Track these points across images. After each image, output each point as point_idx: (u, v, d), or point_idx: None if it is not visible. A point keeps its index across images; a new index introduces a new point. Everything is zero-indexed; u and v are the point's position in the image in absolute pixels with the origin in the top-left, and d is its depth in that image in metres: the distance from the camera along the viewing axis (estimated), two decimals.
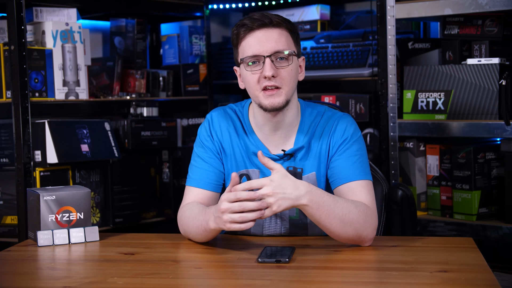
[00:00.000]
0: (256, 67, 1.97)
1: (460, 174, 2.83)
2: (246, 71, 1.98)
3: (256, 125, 2.07)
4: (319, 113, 2.08)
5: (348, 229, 1.88)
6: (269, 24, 1.97)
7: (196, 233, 1.97)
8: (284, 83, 1.97)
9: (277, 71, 1.95)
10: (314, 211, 1.84)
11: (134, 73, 3.29)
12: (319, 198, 1.85)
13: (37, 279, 1.76)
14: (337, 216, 1.86)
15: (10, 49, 2.71)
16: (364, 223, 1.89)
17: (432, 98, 2.88)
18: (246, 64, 1.98)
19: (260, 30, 1.97)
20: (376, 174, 2.28)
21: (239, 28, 2.00)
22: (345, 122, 2.05)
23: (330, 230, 1.88)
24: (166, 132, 3.19)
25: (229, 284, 1.68)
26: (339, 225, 1.87)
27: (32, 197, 2.08)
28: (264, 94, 1.97)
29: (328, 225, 1.87)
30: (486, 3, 2.68)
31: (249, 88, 2.00)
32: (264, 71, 1.95)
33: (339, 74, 3.26)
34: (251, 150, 2.05)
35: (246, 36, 1.98)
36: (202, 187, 2.05)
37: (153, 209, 3.22)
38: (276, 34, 1.97)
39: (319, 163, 2.04)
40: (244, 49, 1.99)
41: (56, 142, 2.77)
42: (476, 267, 1.70)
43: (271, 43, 1.96)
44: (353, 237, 1.89)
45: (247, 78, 1.99)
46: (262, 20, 1.97)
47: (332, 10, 3.67)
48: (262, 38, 1.96)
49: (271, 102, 1.96)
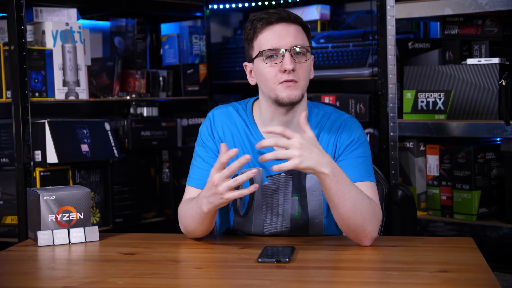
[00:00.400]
0: (274, 60, 1.96)
1: (460, 174, 2.83)
2: (264, 64, 1.97)
3: (262, 123, 2.06)
4: (326, 114, 2.08)
5: (357, 216, 1.87)
6: (287, 19, 1.97)
7: (194, 222, 1.96)
8: (301, 78, 1.97)
9: (296, 65, 1.96)
10: (332, 184, 1.83)
11: (134, 73, 3.29)
12: (340, 173, 1.84)
13: (37, 279, 1.76)
14: (351, 198, 1.86)
15: (10, 49, 2.71)
16: (372, 216, 1.89)
17: (432, 98, 2.88)
18: (265, 57, 1.96)
19: (279, 24, 1.97)
20: (377, 174, 2.28)
21: (255, 22, 1.99)
22: (352, 124, 2.06)
23: (341, 210, 1.87)
24: (166, 132, 3.19)
25: (229, 284, 1.68)
26: (350, 208, 1.86)
27: (32, 197, 2.08)
28: (281, 86, 1.96)
29: (341, 204, 1.86)
30: (486, 3, 2.68)
31: (265, 81, 1.98)
32: (285, 64, 1.94)
33: (339, 74, 3.26)
34: (256, 149, 2.04)
35: (264, 30, 1.98)
36: (201, 187, 2.05)
37: (153, 209, 3.23)
38: (294, 29, 1.98)
39: None
40: (261, 43, 1.98)
41: (56, 142, 2.77)
42: (476, 267, 1.70)
43: (290, 37, 1.96)
44: (358, 227, 1.89)
45: (264, 71, 1.97)
46: (280, 14, 1.97)
47: (332, 10, 3.67)
48: (282, 32, 1.96)
49: (288, 94, 1.96)
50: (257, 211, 2.07)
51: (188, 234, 2.04)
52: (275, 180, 2.05)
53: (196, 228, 1.98)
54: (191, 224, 1.98)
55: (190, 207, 1.96)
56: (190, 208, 1.96)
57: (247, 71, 2.06)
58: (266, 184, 2.06)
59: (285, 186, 2.05)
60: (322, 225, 2.07)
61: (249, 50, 2.03)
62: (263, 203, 2.06)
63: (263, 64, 1.97)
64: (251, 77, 2.05)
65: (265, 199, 2.06)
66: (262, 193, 2.06)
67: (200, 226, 1.97)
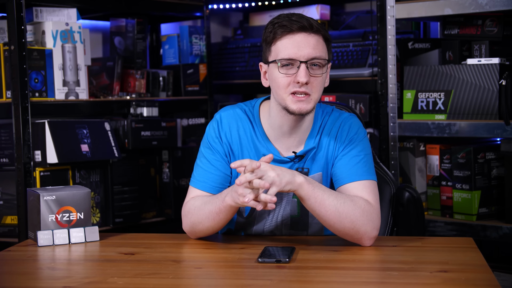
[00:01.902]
0: (289, 70, 1.94)
1: (460, 174, 2.83)
2: (279, 73, 1.94)
3: (269, 126, 2.05)
4: (327, 114, 2.08)
5: (343, 220, 1.88)
6: (309, 29, 1.94)
7: (208, 218, 1.96)
8: (314, 91, 1.95)
9: (310, 78, 1.93)
10: (309, 191, 1.86)
11: (134, 73, 3.29)
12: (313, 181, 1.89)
13: (37, 279, 1.76)
14: (332, 203, 1.87)
15: (10, 49, 2.71)
16: (360, 217, 1.89)
17: (432, 98, 2.88)
18: (280, 65, 1.94)
19: (299, 34, 1.93)
20: (386, 175, 2.27)
21: (276, 28, 1.95)
22: (350, 123, 2.05)
23: (326, 218, 1.88)
24: (166, 132, 3.19)
25: (229, 284, 1.68)
26: (334, 213, 1.87)
27: (32, 197, 2.08)
28: (292, 99, 1.94)
29: (323, 210, 1.87)
30: (486, 3, 2.68)
31: (277, 89, 1.96)
32: (299, 77, 1.91)
33: (339, 74, 3.26)
34: (262, 153, 2.04)
35: (284, 37, 1.94)
36: (205, 189, 2.04)
37: (153, 209, 3.22)
38: (314, 40, 1.94)
39: (326, 163, 2.04)
40: (279, 50, 1.95)
41: (56, 142, 2.77)
42: (476, 267, 1.70)
43: (309, 49, 1.93)
44: (350, 231, 1.89)
45: (278, 79, 1.95)
46: (301, 23, 1.93)
47: (332, 10, 3.67)
48: (301, 43, 1.93)
49: (299, 107, 1.94)
50: (259, 214, 2.07)
51: (194, 233, 2.02)
52: None
53: (208, 225, 1.97)
54: (204, 221, 1.97)
55: (210, 202, 1.96)
56: (208, 203, 1.96)
57: (262, 72, 2.03)
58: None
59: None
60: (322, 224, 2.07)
61: (266, 52, 2.00)
62: None
63: (278, 72, 1.95)
64: (264, 78, 2.03)
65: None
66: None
67: (213, 222, 1.96)
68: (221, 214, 1.93)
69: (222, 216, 1.93)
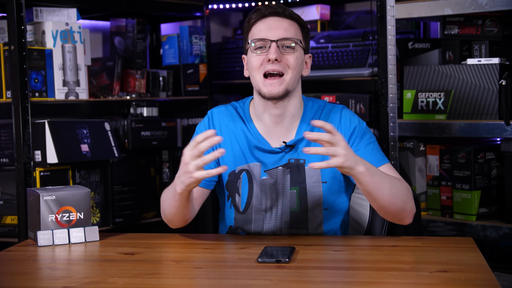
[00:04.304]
0: (262, 51, 2.01)
1: (460, 174, 2.83)
2: (251, 53, 2.02)
3: (257, 118, 2.09)
4: (320, 107, 2.12)
5: (396, 200, 1.92)
6: (281, 14, 2.03)
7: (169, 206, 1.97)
8: (287, 70, 2.00)
9: (281, 56, 1.99)
10: (369, 178, 1.86)
11: (134, 73, 3.29)
12: (371, 166, 1.89)
13: (37, 279, 1.76)
14: (387, 186, 1.90)
15: (10, 49, 2.71)
16: (408, 195, 1.95)
17: (432, 98, 2.88)
18: (253, 47, 2.01)
19: (272, 18, 2.03)
20: None
21: (251, 14, 2.05)
22: (348, 114, 2.10)
23: (381, 201, 1.91)
24: (166, 132, 3.19)
25: (229, 284, 1.68)
26: (389, 195, 1.90)
27: (32, 197, 2.08)
28: (264, 82, 2.00)
29: (380, 194, 1.89)
30: (486, 3, 2.68)
31: (252, 71, 2.03)
32: (269, 53, 1.99)
33: (339, 74, 3.26)
34: (253, 144, 2.07)
35: (257, 22, 2.04)
36: None
37: (153, 209, 3.22)
38: (287, 23, 2.03)
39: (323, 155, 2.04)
40: (253, 34, 2.04)
41: (56, 142, 2.77)
42: (476, 267, 1.70)
43: (280, 30, 2.01)
44: (399, 209, 1.93)
45: (251, 60, 2.03)
46: (275, 8, 2.03)
47: (332, 10, 3.67)
48: (273, 25, 2.02)
49: (269, 90, 2.00)
50: (256, 207, 2.08)
51: (168, 222, 2.06)
52: (272, 174, 2.06)
53: (172, 213, 1.99)
54: (167, 208, 2.00)
55: (168, 190, 1.99)
56: (167, 191, 1.99)
57: (244, 63, 2.11)
58: (264, 178, 2.06)
59: (283, 180, 2.06)
60: (321, 217, 2.08)
61: (245, 44, 2.09)
62: (262, 198, 2.07)
63: (250, 53, 2.03)
64: (246, 69, 2.10)
65: (264, 194, 2.07)
66: (261, 188, 2.07)
67: (175, 210, 1.97)
68: (177, 202, 1.93)
69: (179, 204, 1.94)
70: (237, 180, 2.08)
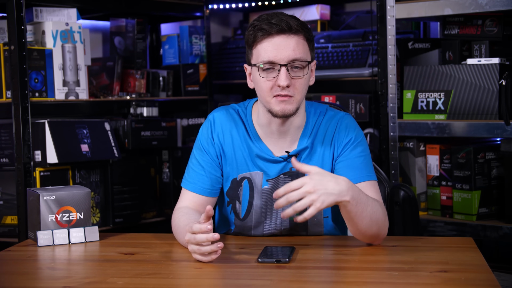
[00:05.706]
0: (270, 73, 1.93)
1: (460, 174, 2.83)
2: (260, 77, 1.94)
3: (260, 126, 2.06)
4: (321, 113, 2.08)
5: (373, 227, 1.89)
6: (287, 31, 1.92)
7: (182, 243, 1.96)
8: (297, 92, 1.94)
9: (291, 81, 1.92)
10: (353, 208, 1.83)
11: (134, 73, 3.29)
12: (358, 194, 1.83)
13: (37, 279, 1.76)
14: (368, 214, 1.86)
15: (10, 49, 2.71)
16: (384, 221, 1.92)
17: (432, 98, 2.88)
18: (261, 69, 1.94)
19: (278, 36, 1.92)
20: (379, 175, 2.27)
21: (256, 31, 1.94)
22: (347, 124, 2.05)
23: (359, 227, 1.87)
24: (166, 132, 3.19)
25: (229, 284, 1.68)
26: (368, 222, 1.87)
27: (32, 197, 2.08)
28: (276, 100, 1.94)
29: (359, 222, 1.86)
30: (486, 3, 2.68)
31: (261, 92, 1.97)
32: (279, 80, 1.91)
33: (339, 74, 3.26)
34: (255, 153, 2.04)
35: (263, 41, 1.93)
36: (196, 191, 2.05)
37: (153, 209, 3.22)
38: (294, 42, 1.93)
39: (323, 164, 2.03)
40: (259, 53, 1.94)
41: (56, 142, 2.77)
42: (476, 267, 1.70)
43: (289, 51, 1.92)
44: (373, 235, 1.90)
45: (260, 83, 1.95)
46: (280, 25, 1.92)
47: (332, 10, 3.67)
48: (280, 45, 1.92)
49: (282, 108, 1.94)
50: (256, 215, 2.07)
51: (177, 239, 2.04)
52: (274, 184, 2.05)
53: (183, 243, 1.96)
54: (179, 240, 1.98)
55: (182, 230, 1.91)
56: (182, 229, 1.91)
57: (247, 73, 2.04)
58: (266, 188, 2.05)
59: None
60: (322, 225, 2.07)
61: (248, 55, 2.00)
62: (262, 206, 2.06)
63: (259, 76, 1.95)
64: (250, 80, 2.03)
65: (264, 202, 2.06)
66: (262, 196, 2.06)
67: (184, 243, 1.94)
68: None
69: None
70: (238, 187, 2.07)
